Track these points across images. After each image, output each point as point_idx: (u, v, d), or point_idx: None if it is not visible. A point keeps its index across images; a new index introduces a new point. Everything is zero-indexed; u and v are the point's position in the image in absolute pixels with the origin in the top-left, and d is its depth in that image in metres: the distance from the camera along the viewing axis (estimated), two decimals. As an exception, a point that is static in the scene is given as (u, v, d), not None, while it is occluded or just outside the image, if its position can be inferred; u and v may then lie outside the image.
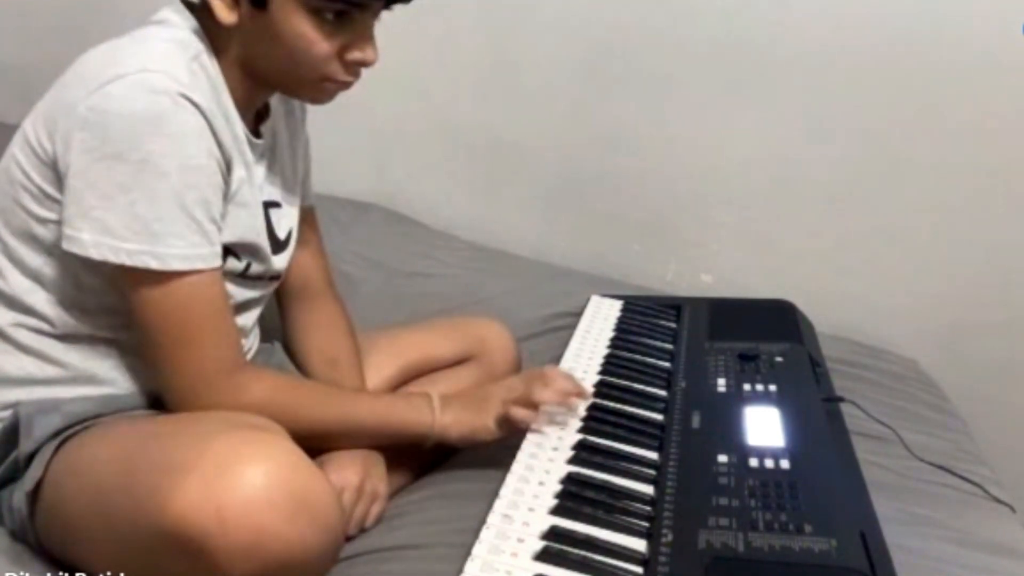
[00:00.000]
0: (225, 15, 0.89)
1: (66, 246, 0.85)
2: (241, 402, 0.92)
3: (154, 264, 0.85)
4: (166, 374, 0.91)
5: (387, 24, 0.96)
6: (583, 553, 0.85)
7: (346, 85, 0.96)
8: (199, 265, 0.88)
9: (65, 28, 2.01)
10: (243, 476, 0.76)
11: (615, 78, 1.77)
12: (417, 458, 1.11)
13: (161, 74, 0.84)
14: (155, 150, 0.83)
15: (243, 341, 1.06)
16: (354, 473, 0.98)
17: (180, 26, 0.92)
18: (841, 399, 1.23)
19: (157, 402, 0.96)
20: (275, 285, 1.10)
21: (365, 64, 0.94)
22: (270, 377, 0.99)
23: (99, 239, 0.84)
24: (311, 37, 0.89)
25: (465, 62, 1.86)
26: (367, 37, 0.93)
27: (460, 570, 0.81)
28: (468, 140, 1.91)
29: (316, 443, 0.96)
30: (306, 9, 0.88)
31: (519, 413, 1.02)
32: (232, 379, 0.92)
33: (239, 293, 1.01)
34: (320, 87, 0.95)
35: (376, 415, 1.02)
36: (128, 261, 0.85)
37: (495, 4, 1.80)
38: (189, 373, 0.90)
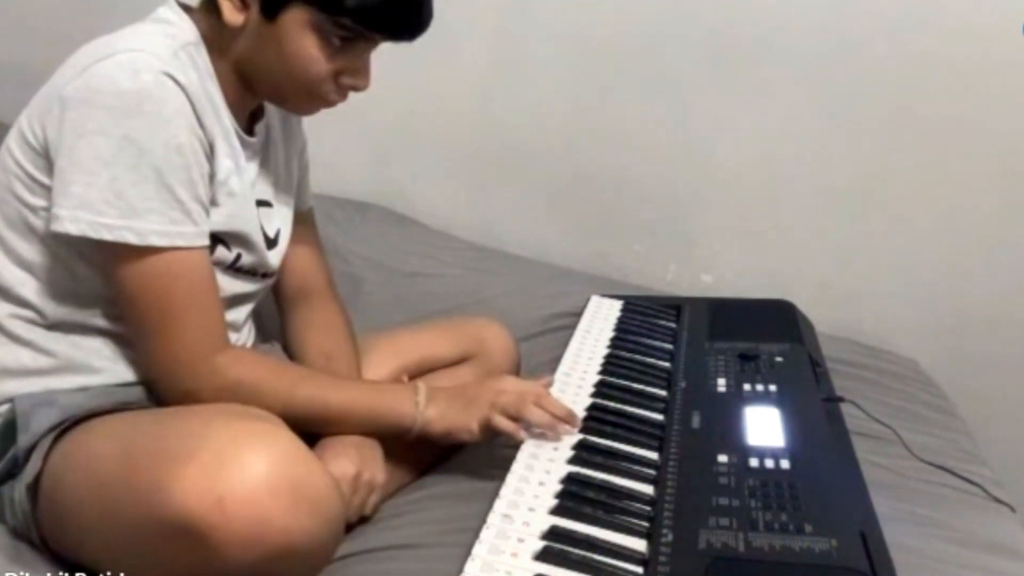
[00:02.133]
0: (232, 16, 0.91)
1: (51, 226, 0.86)
2: (220, 382, 0.92)
3: (133, 239, 0.86)
4: (147, 352, 0.92)
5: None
6: (583, 553, 0.84)
7: (331, 104, 0.98)
8: (179, 242, 0.88)
9: (65, 28, 2.01)
10: (244, 465, 0.76)
11: (615, 78, 1.77)
12: (419, 455, 1.11)
13: (144, 54, 0.86)
14: (137, 127, 0.84)
15: (235, 336, 1.07)
16: (351, 463, 0.97)
17: (175, 22, 0.94)
18: (841, 399, 1.23)
19: (153, 392, 0.97)
20: (268, 283, 1.10)
21: (357, 90, 0.97)
22: (250, 358, 0.99)
23: (78, 214, 0.85)
24: (313, 56, 0.92)
25: (465, 63, 1.86)
26: (364, 64, 0.96)
27: (460, 570, 0.81)
28: (468, 140, 1.91)
29: (304, 427, 0.96)
30: (314, 29, 0.91)
31: (504, 424, 1.01)
32: (212, 359, 0.92)
33: (229, 285, 1.01)
34: (308, 102, 0.98)
35: (354, 400, 1.01)
36: (107, 236, 0.85)
37: (495, 4, 1.80)
38: (169, 352, 0.91)
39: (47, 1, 2.07)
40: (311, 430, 0.99)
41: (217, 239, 0.96)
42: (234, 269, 1.01)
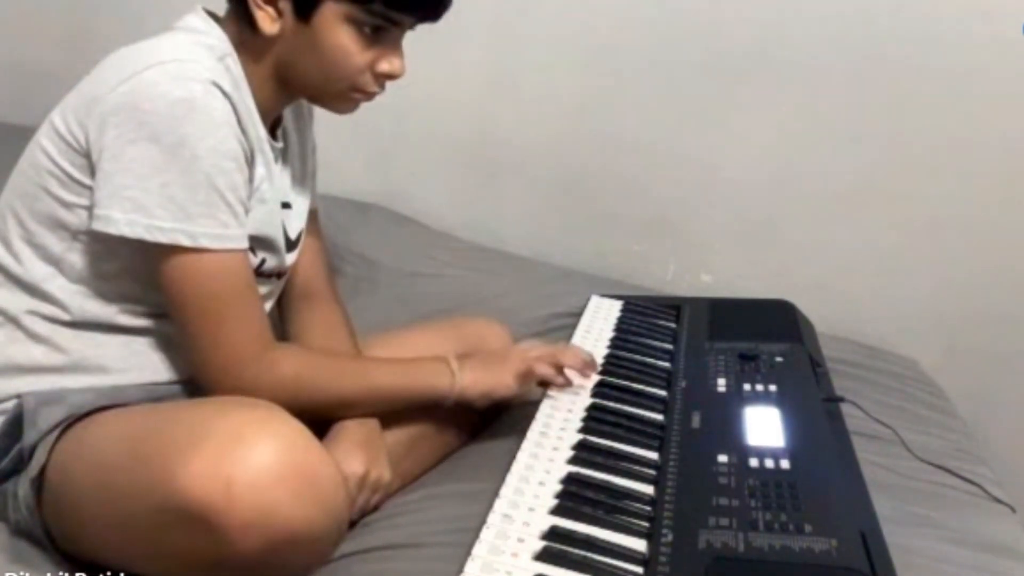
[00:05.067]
0: (268, 26, 0.94)
1: (97, 226, 0.88)
2: (274, 377, 0.94)
3: (185, 241, 0.88)
4: (200, 352, 0.93)
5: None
6: (583, 553, 0.84)
7: (371, 96, 1.01)
8: (229, 245, 0.91)
9: (66, 30, 2.02)
10: (252, 452, 0.77)
11: (615, 78, 1.77)
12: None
13: (193, 63, 0.88)
14: (189, 133, 0.86)
15: None
16: (359, 463, 0.99)
17: (206, 32, 0.95)
18: (841, 399, 1.23)
19: (162, 394, 0.98)
20: (282, 283, 1.12)
21: (393, 76, 0.99)
22: (299, 351, 1.05)
23: (132, 217, 0.87)
24: (349, 49, 0.95)
25: (465, 62, 1.86)
26: (397, 50, 0.98)
27: (460, 570, 0.81)
28: (468, 140, 1.91)
29: (341, 412, 1.01)
30: (347, 22, 0.93)
31: (545, 370, 1.10)
32: (264, 356, 0.95)
33: None
34: (348, 97, 1.00)
35: (396, 380, 1.06)
36: (162, 238, 0.87)
37: (496, 4, 1.80)
38: (222, 350, 0.92)
39: (48, 2, 2.07)
40: (354, 413, 1.03)
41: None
42: (257, 273, 1.03)
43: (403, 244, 1.80)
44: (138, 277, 0.92)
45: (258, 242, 1.00)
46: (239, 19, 0.96)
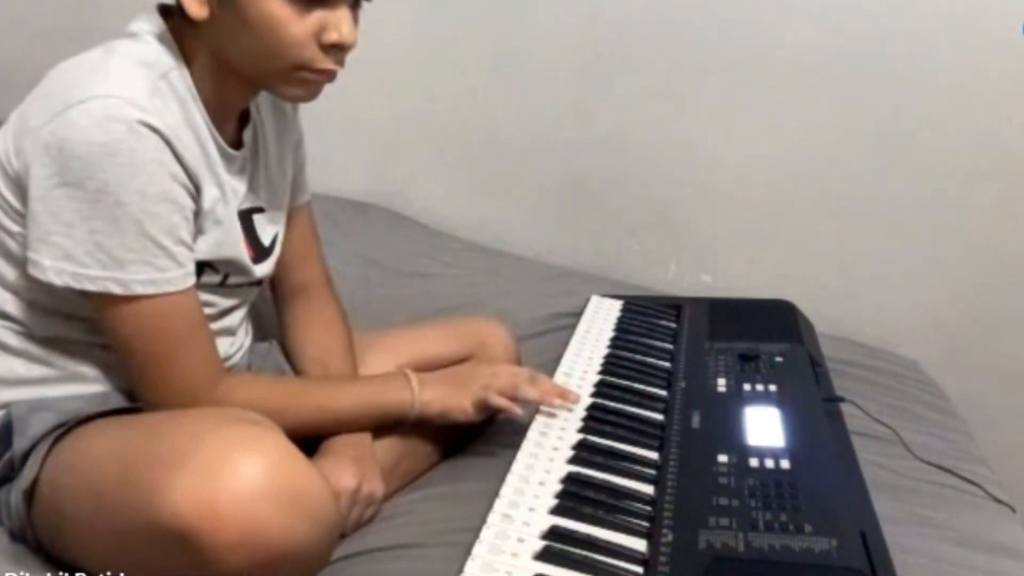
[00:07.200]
0: (195, 9, 0.87)
1: (28, 269, 0.86)
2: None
3: (117, 290, 0.85)
4: (147, 392, 0.92)
5: (388, 23, 0.95)
6: (583, 553, 0.85)
7: (327, 75, 0.91)
8: (167, 288, 0.87)
9: (67, 30, 2.01)
10: (238, 471, 0.76)
11: (615, 78, 1.77)
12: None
13: (120, 100, 0.82)
14: (111, 179, 0.82)
15: (232, 340, 1.07)
16: (351, 478, 0.98)
17: (149, 40, 0.90)
18: (841, 399, 1.23)
19: None
20: (258, 290, 1.09)
21: (342, 46, 0.89)
22: (248, 382, 1.00)
23: (60, 265, 0.84)
24: (283, 17, 0.86)
25: (465, 61, 1.86)
26: (343, 16, 0.88)
27: (460, 570, 0.81)
28: (468, 140, 1.91)
29: (308, 435, 0.98)
30: None
31: (500, 402, 1.06)
32: (212, 392, 0.92)
33: (221, 301, 1.01)
34: (299, 78, 0.90)
35: (358, 403, 1.04)
36: (91, 287, 0.84)
37: (495, 3, 1.80)
38: (169, 390, 0.90)
39: (49, 2, 2.07)
40: (315, 436, 1.00)
41: (204, 264, 0.95)
42: (223, 287, 1.01)
43: (403, 244, 1.80)
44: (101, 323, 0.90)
45: (217, 262, 0.97)
46: (178, 16, 0.89)
